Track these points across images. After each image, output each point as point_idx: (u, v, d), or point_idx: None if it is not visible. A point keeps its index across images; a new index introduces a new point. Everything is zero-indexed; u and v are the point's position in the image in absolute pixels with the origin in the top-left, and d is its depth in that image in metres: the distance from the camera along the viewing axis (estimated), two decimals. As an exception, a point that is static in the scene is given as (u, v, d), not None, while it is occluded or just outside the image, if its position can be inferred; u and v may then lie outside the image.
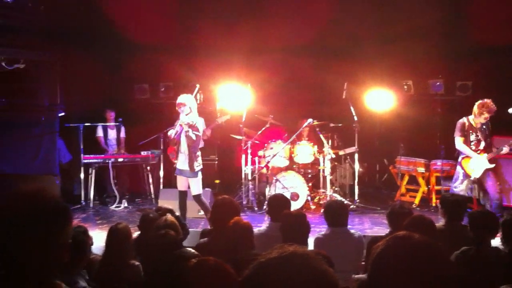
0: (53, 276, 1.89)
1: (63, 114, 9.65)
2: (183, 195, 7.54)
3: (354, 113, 9.38)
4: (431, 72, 10.59)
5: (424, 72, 10.66)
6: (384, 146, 11.43)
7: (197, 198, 7.38)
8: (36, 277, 1.84)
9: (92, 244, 4.64)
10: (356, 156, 9.51)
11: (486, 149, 7.83)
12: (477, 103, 7.82)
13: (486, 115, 7.69)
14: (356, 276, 4.04)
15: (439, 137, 10.01)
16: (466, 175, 7.83)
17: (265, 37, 11.35)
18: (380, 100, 9.95)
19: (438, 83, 10.42)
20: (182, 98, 7.39)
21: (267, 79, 10.59)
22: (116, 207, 9.40)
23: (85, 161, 9.41)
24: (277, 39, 11.25)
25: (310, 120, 9.09)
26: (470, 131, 7.84)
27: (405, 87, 10.81)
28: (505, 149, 7.72)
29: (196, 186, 7.41)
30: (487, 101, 7.72)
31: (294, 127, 9.62)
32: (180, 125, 7.31)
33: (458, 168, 7.97)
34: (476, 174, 7.76)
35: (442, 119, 10.28)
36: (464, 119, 7.89)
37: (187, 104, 7.32)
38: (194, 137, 7.18)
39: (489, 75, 10.17)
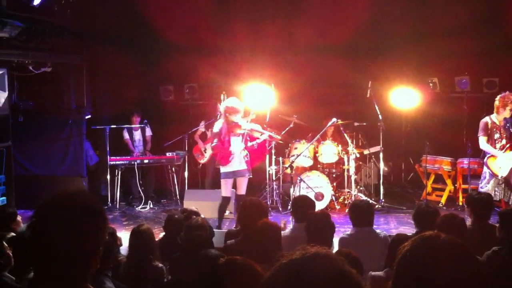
0: (87, 279, 1.92)
1: (89, 116, 9.78)
2: (228, 201, 7.66)
3: (378, 112, 9.31)
4: (457, 69, 10.46)
5: (450, 69, 10.52)
6: (409, 145, 11.30)
7: (243, 197, 7.39)
8: (75, 279, 1.86)
9: (121, 245, 4.70)
10: (381, 155, 9.44)
11: (511, 147, 7.71)
12: (497, 98, 7.75)
13: (511, 106, 7.56)
14: (373, 273, 4.01)
15: (465, 135, 9.88)
16: (493, 175, 7.71)
17: (290, 37, 11.36)
18: (405, 98, 9.85)
19: (464, 80, 10.28)
20: (238, 104, 7.52)
21: (291, 78, 10.56)
22: (141, 208, 9.49)
23: (111, 162, 9.51)
24: (301, 39, 11.25)
25: (334, 119, 9.04)
26: (494, 130, 7.73)
27: (431, 84, 10.68)
28: None
29: (246, 185, 7.65)
30: (507, 93, 7.63)
31: (318, 127, 9.59)
32: (232, 127, 7.43)
33: (485, 168, 7.86)
34: (503, 172, 7.64)
35: (468, 116, 10.14)
36: (486, 118, 7.80)
37: (242, 110, 7.51)
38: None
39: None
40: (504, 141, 7.72)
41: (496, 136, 7.75)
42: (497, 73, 10.08)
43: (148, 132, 10.29)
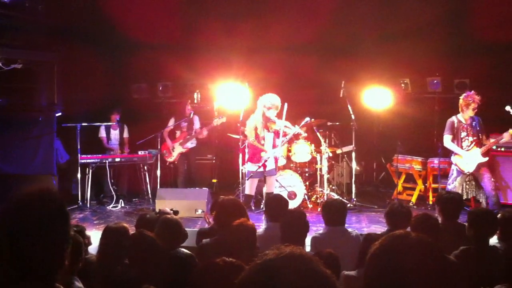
0: (57, 279, 1.89)
1: (60, 114, 9.63)
2: (251, 199, 7.74)
3: (351, 112, 9.38)
4: (428, 70, 10.59)
5: (422, 70, 10.66)
6: (381, 145, 11.44)
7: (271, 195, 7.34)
8: (42, 279, 1.83)
9: (90, 244, 4.63)
10: (354, 154, 9.51)
11: (478, 145, 7.91)
12: (461, 97, 7.95)
13: (473, 105, 7.77)
14: (346, 272, 4.03)
15: (436, 135, 10.00)
16: (460, 172, 7.89)
17: (263, 36, 11.35)
18: (377, 98, 9.95)
19: (435, 81, 10.42)
20: (277, 100, 7.47)
21: (265, 78, 10.57)
22: (113, 207, 9.39)
23: (82, 161, 9.39)
24: (275, 38, 11.24)
25: (307, 118, 9.07)
26: (460, 129, 7.93)
27: (403, 85, 10.82)
28: (506, 135, 7.78)
29: (274, 183, 7.71)
30: (471, 92, 7.83)
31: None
32: (270, 123, 7.37)
33: (452, 165, 8.05)
34: (469, 168, 7.83)
35: (439, 117, 10.26)
36: (453, 118, 8.05)
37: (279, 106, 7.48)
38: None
39: (486, 73, 10.18)
40: (471, 139, 7.90)
41: (463, 134, 7.95)
42: (468, 74, 10.24)
43: (126, 133, 10.21)
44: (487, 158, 7.92)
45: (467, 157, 7.85)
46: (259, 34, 11.39)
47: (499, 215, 4.57)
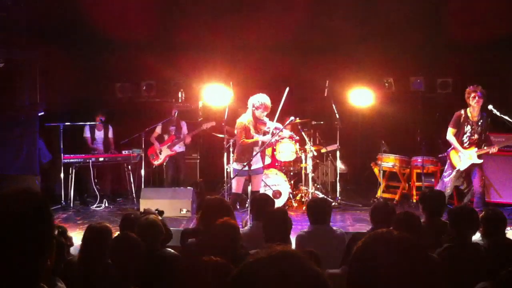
0: (42, 278, 1.87)
1: (43, 113, 9.54)
2: (238, 197, 7.71)
3: (336, 111, 9.41)
4: (412, 69, 10.66)
5: (405, 69, 10.72)
6: (365, 143, 11.49)
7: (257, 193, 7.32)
8: (28, 279, 1.81)
9: (72, 245, 4.58)
10: (338, 153, 9.55)
11: (479, 144, 7.87)
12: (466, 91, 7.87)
13: (477, 98, 7.66)
14: (330, 270, 4.05)
15: (420, 134, 10.09)
16: (452, 166, 7.91)
17: (247, 35, 11.35)
18: (361, 97, 10.00)
19: (418, 81, 10.49)
20: (268, 101, 7.42)
21: (249, 77, 10.57)
22: (97, 207, 9.32)
23: (66, 160, 9.31)
24: (259, 38, 11.26)
25: (292, 118, 9.09)
26: (466, 123, 7.85)
27: (386, 84, 10.88)
28: (493, 150, 7.81)
29: (260, 182, 7.74)
30: (471, 87, 7.77)
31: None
32: (259, 124, 7.42)
33: (448, 159, 8.05)
34: (461, 166, 7.86)
35: (423, 116, 10.37)
36: (461, 111, 7.89)
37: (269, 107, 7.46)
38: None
39: (469, 72, 10.28)
40: (475, 136, 7.84)
41: (467, 129, 7.85)
42: (450, 74, 10.33)
43: (111, 134, 10.13)
44: (482, 161, 7.85)
45: (463, 154, 7.85)
46: (242, 34, 11.39)
47: (483, 213, 4.61)
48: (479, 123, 7.82)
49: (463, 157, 7.83)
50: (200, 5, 10.89)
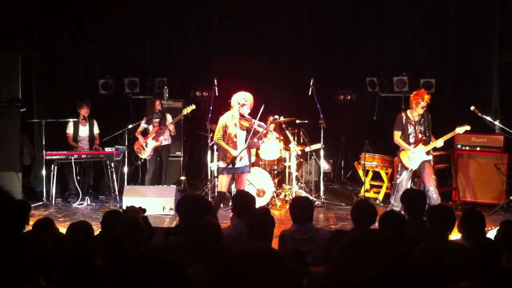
0: (23, 276, 1.85)
1: (24, 110, 9.41)
2: (223, 197, 7.63)
3: (320, 110, 9.43)
4: (395, 69, 10.72)
5: (389, 69, 10.78)
6: (349, 143, 11.56)
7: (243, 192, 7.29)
8: (7, 277, 1.79)
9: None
10: (322, 152, 9.58)
11: (426, 141, 8.11)
12: (411, 94, 8.10)
13: (423, 103, 7.91)
14: (314, 268, 4.05)
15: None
16: (404, 167, 8.08)
17: (232, 33, 11.36)
18: (345, 97, 10.04)
19: (402, 80, 10.54)
20: (250, 97, 7.42)
21: (233, 75, 10.55)
22: (79, 204, 9.24)
23: (47, 157, 9.20)
24: (243, 35, 11.27)
25: (276, 116, 9.11)
26: (408, 125, 8.11)
27: (370, 84, 10.93)
28: (440, 143, 7.99)
29: (246, 181, 7.72)
30: (421, 90, 8.00)
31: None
32: (243, 121, 7.39)
33: (399, 161, 8.23)
34: (412, 165, 8.07)
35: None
36: (402, 113, 8.22)
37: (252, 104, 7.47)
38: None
39: (453, 72, 10.38)
40: (420, 135, 8.06)
41: (410, 130, 8.14)
42: (434, 74, 10.41)
43: (96, 129, 9.99)
44: (431, 156, 8.16)
45: (412, 153, 8.03)
46: (227, 32, 11.39)
47: (461, 213, 4.66)
48: (421, 122, 8.11)
49: (413, 156, 8.06)
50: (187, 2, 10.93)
